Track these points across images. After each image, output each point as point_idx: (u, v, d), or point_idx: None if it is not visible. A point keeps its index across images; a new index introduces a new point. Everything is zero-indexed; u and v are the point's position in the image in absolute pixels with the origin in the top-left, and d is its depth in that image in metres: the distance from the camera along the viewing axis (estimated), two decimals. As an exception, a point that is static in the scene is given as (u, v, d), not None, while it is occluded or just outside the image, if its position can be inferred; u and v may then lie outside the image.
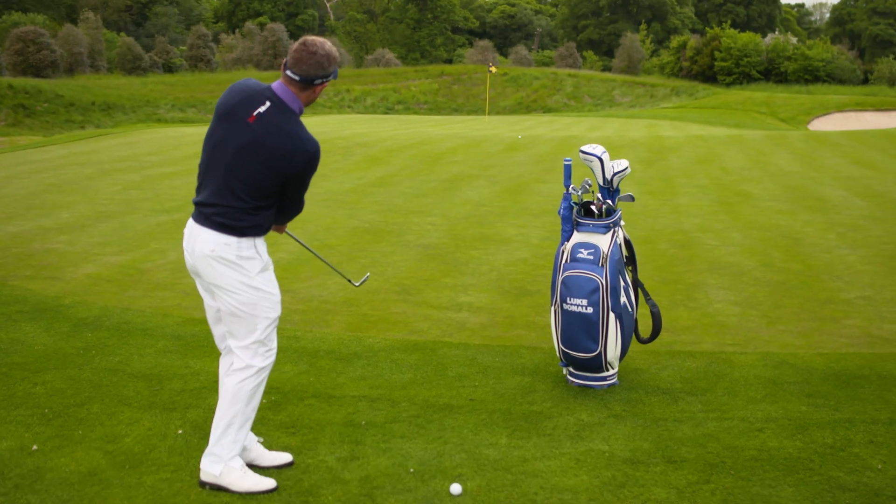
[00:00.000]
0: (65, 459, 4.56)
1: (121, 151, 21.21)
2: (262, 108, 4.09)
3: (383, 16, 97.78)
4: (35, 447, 4.70)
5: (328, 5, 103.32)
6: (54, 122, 39.20)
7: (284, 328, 6.82)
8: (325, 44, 4.15)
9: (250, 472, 4.30)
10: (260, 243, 4.24)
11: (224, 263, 4.14)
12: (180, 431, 4.93)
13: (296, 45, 4.14)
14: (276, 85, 4.17)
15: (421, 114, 53.58)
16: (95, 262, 9.25)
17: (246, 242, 4.16)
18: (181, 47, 74.47)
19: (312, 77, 4.12)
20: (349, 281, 5.72)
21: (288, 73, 4.12)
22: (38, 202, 13.29)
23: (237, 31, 79.05)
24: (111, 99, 44.28)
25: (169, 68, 67.01)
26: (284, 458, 4.54)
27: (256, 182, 4.10)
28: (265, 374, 4.34)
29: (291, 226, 4.83)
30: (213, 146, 4.18)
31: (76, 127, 38.23)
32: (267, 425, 5.00)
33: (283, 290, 7.69)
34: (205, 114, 47.46)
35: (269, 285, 4.28)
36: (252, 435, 4.56)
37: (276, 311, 4.32)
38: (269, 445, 4.70)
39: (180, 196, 13.88)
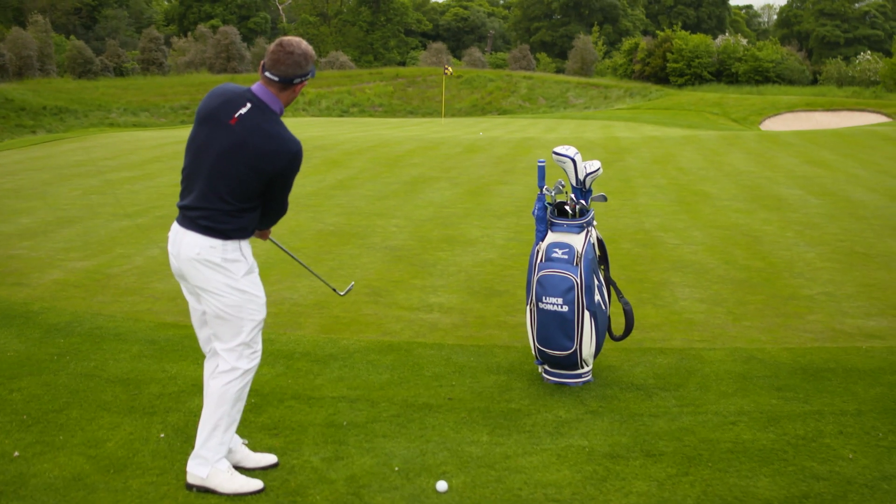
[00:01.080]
0: (48, 465, 4.56)
1: (77, 156, 20.99)
2: (243, 110, 4.13)
3: (336, 18, 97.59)
4: (16, 453, 4.68)
5: (280, 8, 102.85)
6: (4, 126, 38.66)
7: (258, 331, 6.83)
8: (302, 43, 4.19)
9: (237, 474, 4.33)
10: (245, 246, 4.27)
11: (209, 266, 4.17)
12: (162, 435, 4.94)
13: (272, 46, 4.18)
14: (256, 87, 4.21)
15: (376, 116, 53.57)
16: (61, 267, 9.17)
17: (231, 245, 4.19)
18: (132, 51, 73.70)
19: (291, 77, 4.16)
20: (334, 290, 5.76)
21: (267, 74, 4.16)
22: (-4, 208, 13.13)
23: (189, 34, 78.37)
24: (62, 103, 43.79)
25: (120, 72, 66.31)
26: (269, 459, 4.58)
27: (240, 184, 4.13)
28: (250, 377, 4.36)
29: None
30: (195, 150, 4.21)
31: (27, 132, 37.75)
32: (249, 427, 5.02)
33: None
34: (158, 118, 47.09)
35: (255, 288, 4.30)
36: (237, 437, 4.59)
37: (261, 314, 4.34)
38: (253, 447, 4.73)
39: (141, 201, 13.78)
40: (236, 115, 4.12)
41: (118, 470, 4.51)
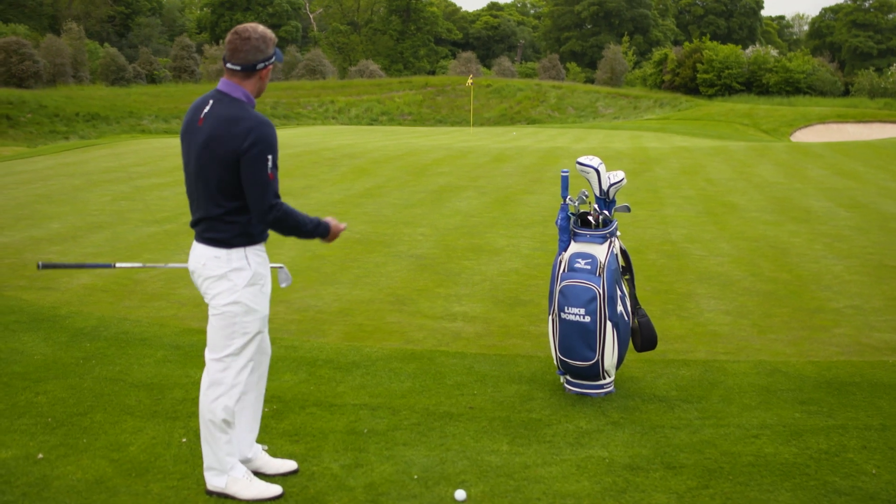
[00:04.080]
0: (71, 468, 4.60)
1: (108, 162, 21.20)
2: (206, 109, 4.13)
3: (367, 27, 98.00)
4: (40, 456, 4.74)
5: (311, 17, 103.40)
6: (38, 132, 39.09)
7: (282, 338, 6.88)
8: (258, 27, 4.16)
9: (256, 480, 4.35)
10: (252, 255, 4.20)
11: (213, 276, 4.17)
12: (184, 440, 4.98)
13: (228, 36, 4.16)
14: (220, 82, 4.20)
15: (405, 125, 53.69)
16: (89, 272, 9.26)
17: (236, 254, 4.16)
18: (165, 58, 74.30)
19: (253, 63, 4.13)
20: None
21: (228, 65, 4.14)
22: (27, 213, 13.28)
23: (221, 42, 78.86)
24: (95, 110, 44.17)
25: (153, 79, 66.84)
26: (289, 465, 4.59)
27: (218, 181, 4.07)
28: (237, 392, 4.25)
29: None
30: (185, 167, 4.24)
31: (60, 138, 38.13)
32: (270, 433, 5.05)
33: (279, 301, 7.81)
34: (189, 125, 47.34)
35: (254, 300, 4.21)
36: (257, 444, 4.61)
37: (254, 327, 4.24)
38: (274, 453, 4.76)
39: (170, 207, 13.90)
40: (202, 115, 4.12)
41: (140, 474, 4.54)
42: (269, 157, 4.02)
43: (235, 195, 4.09)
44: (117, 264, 5.20)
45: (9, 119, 39.94)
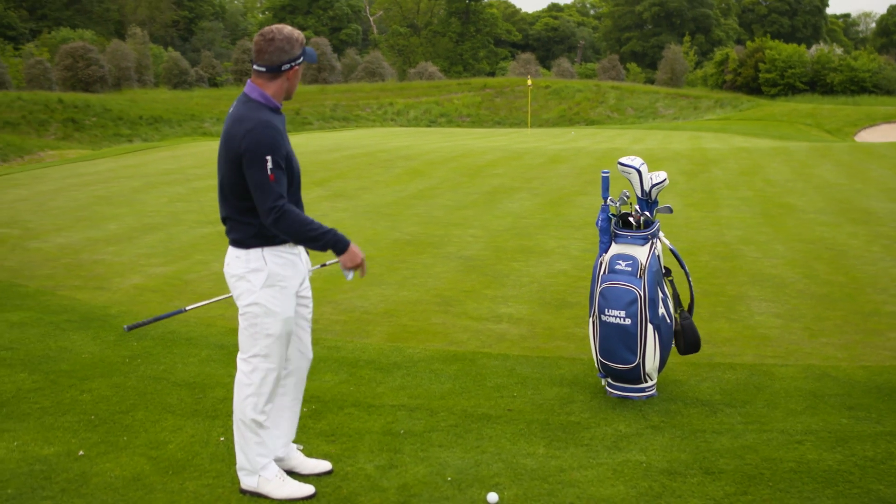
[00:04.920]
0: (110, 465, 4.67)
1: (167, 165, 21.54)
2: (231, 110, 4.20)
3: (426, 29, 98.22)
4: (81, 452, 4.81)
5: (371, 19, 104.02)
6: (103, 135, 39.90)
7: (325, 338, 6.91)
8: (284, 28, 4.15)
9: (289, 480, 4.36)
10: (271, 255, 4.18)
11: (235, 277, 4.22)
12: (222, 439, 5.02)
13: (255, 37, 4.17)
14: (246, 83, 4.24)
15: (464, 126, 53.69)
16: (142, 272, 9.41)
17: (254, 254, 4.17)
18: (227, 62, 75.27)
19: (278, 64, 4.12)
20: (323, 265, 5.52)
21: (255, 67, 4.15)
22: (87, 214, 13.54)
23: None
24: (158, 113, 44.98)
25: (214, 83, 67.78)
26: (324, 465, 4.60)
27: (228, 180, 4.11)
28: (265, 393, 4.28)
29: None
30: None
31: (124, 140, 38.88)
32: (307, 433, 5.06)
33: (325, 302, 7.85)
34: (249, 127, 47.92)
35: (274, 301, 4.19)
36: (292, 444, 4.63)
37: (277, 329, 4.22)
38: (309, 453, 4.77)
39: (224, 208, 14.04)
40: (228, 116, 4.19)
41: (177, 471, 4.59)
42: (268, 157, 3.98)
43: (244, 195, 4.10)
44: (187, 307, 5.26)
45: (74, 122, 40.86)
